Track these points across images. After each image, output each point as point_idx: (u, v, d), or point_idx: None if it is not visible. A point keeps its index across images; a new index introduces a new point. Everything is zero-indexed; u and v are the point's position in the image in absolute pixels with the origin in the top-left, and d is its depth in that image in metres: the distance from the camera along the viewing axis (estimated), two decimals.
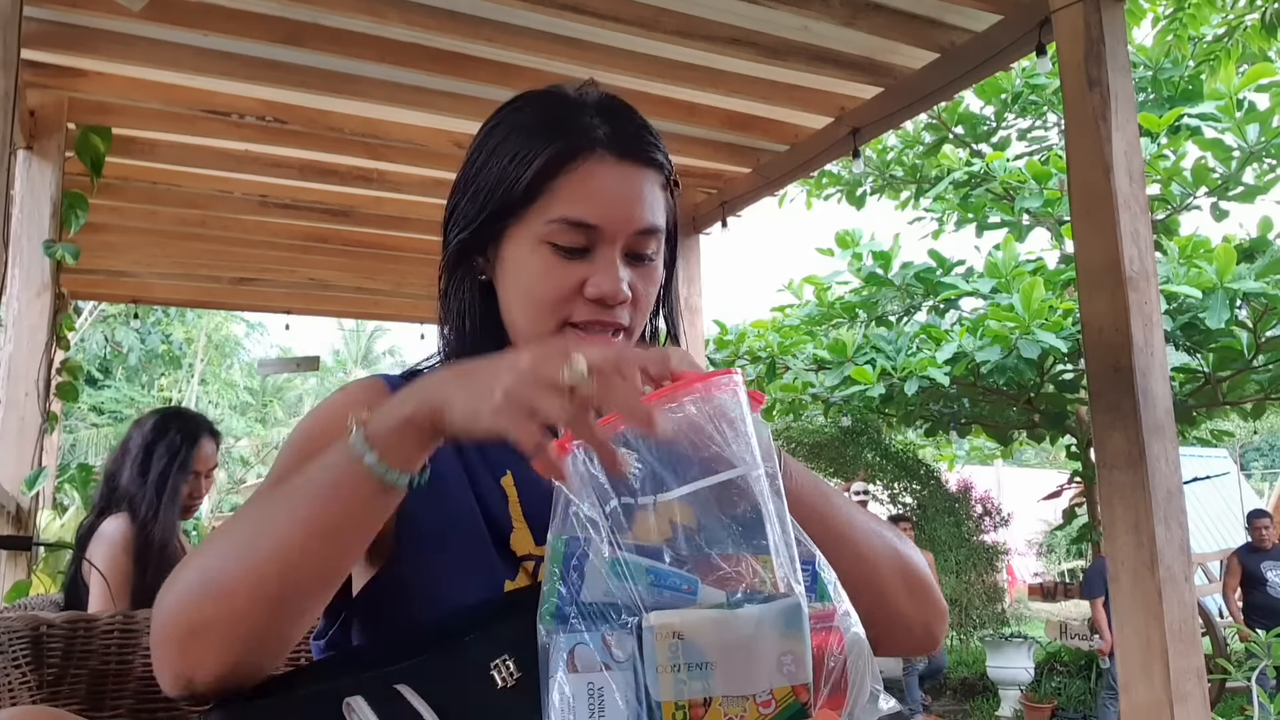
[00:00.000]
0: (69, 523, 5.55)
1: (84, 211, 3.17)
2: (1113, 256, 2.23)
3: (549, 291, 0.83)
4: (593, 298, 0.83)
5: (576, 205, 0.83)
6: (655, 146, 0.87)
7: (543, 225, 0.83)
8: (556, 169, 0.83)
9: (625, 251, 0.84)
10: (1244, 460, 19.34)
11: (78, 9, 2.64)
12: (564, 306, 0.83)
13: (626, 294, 0.83)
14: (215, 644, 0.66)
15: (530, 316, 0.85)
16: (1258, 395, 6.30)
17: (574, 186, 0.83)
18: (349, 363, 23.73)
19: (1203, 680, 2.11)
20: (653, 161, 0.86)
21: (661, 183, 0.87)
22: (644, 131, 0.87)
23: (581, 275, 0.83)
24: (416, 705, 0.65)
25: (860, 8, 2.74)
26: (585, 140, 0.84)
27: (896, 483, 9.53)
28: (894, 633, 0.84)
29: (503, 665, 0.67)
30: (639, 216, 0.84)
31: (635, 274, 0.85)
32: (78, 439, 15.97)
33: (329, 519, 0.67)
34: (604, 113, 0.86)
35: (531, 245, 0.84)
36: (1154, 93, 6.86)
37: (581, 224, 0.82)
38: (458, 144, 3.61)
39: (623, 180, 0.84)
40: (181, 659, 0.67)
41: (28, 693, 0.92)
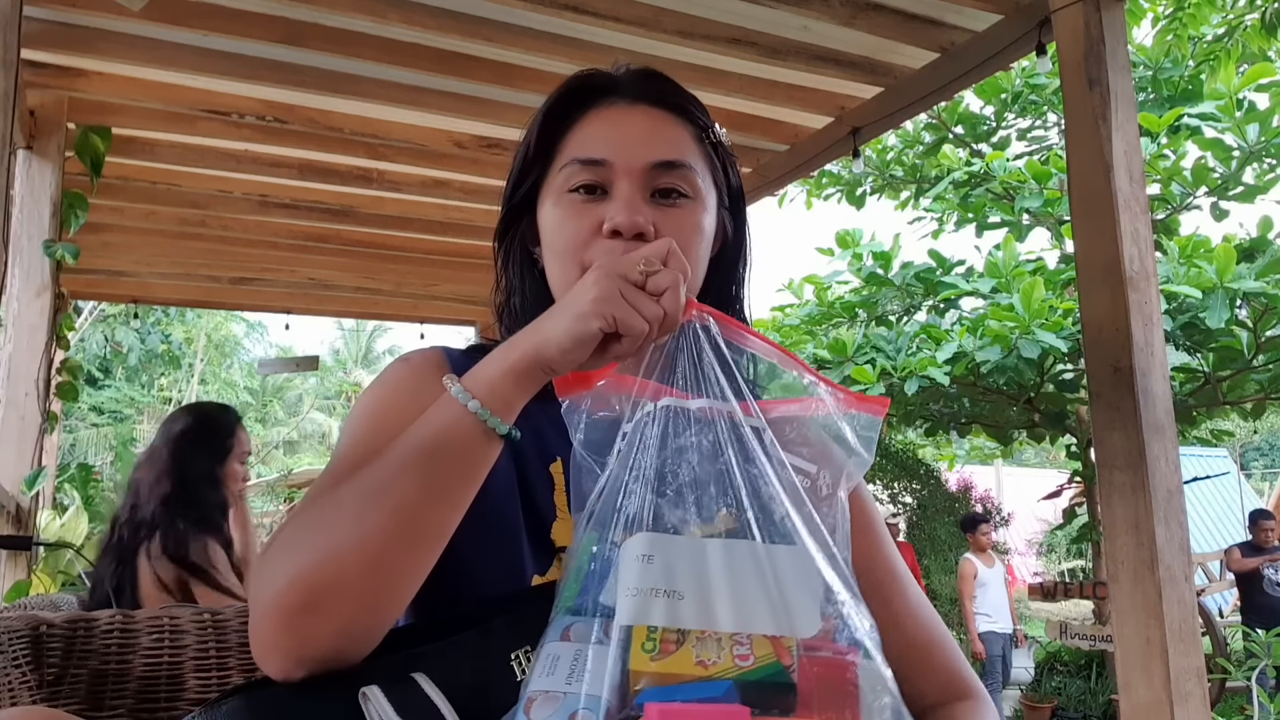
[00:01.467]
0: (69, 523, 5.55)
1: (84, 211, 3.17)
2: (1113, 256, 2.23)
3: (570, 236, 0.82)
4: (608, 233, 0.80)
5: (586, 144, 0.82)
6: (681, 95, 0.85)
7: (559, 174, 0.83)
8: (569, 119, 0.83)
9: (647, 188, 0.82)
10: (1244, 460, 19.34)
11: (78, 9, 2.64)
12: (584, 249, 0.81)
13: (644, 225, 0.79)
14: (332, 613, 0.63)
15: (560, 270, 0.83)
16: (1258, 395, 6.30)
17: (585, 129, 0.83)
18: (349, 363, 23.71)
19: (1203, 680, 2.11)
20: (671, 104, 0.84)
21: (691, 132, 0.85)
22: (663, 81, 0.86)
23: (600, 215, 0.81)
24: (432, 695, 0.65)
25: (860, 8, 2.74)
26: (598, 92, 0.84)
27: (896, 482, 9.53)
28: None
29: (524, 656, 0.66)
30: (654, 149, 0.81)
31: (662, 214, 0.81)
32: (78, 439, 15.96)
33: (441, 474, 0.67)
34: (624, 71, 0.86)
35: (555, 199, 0.84)
36: (1154, 93, 6.85)
37: (591, 161, 0.81)
38: (458, 144, 3.61)
39: (634, 117, 0.83)
40: (293, 634, 0.63)
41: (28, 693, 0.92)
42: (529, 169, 0.86)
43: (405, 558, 0.66)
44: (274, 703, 0.65)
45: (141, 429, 17.46)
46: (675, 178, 0.82)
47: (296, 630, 0.63)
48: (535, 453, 0.83)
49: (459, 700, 0.64)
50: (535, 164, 0.86)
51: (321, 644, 0.64)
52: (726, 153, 0.88)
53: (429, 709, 0.64)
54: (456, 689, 0.65)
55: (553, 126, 0.85)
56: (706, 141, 0.86)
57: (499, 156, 3.67)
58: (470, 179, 3.98)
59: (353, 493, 0.67)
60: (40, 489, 3.00)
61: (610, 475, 0.64)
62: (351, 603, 0.64)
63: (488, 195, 4.04)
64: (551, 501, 0.82)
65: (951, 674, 0.85)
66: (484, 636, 0.68)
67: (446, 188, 4.03)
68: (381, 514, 0.65)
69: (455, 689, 0.65)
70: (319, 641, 0.64)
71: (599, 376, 0.68)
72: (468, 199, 4.09)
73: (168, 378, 19.44)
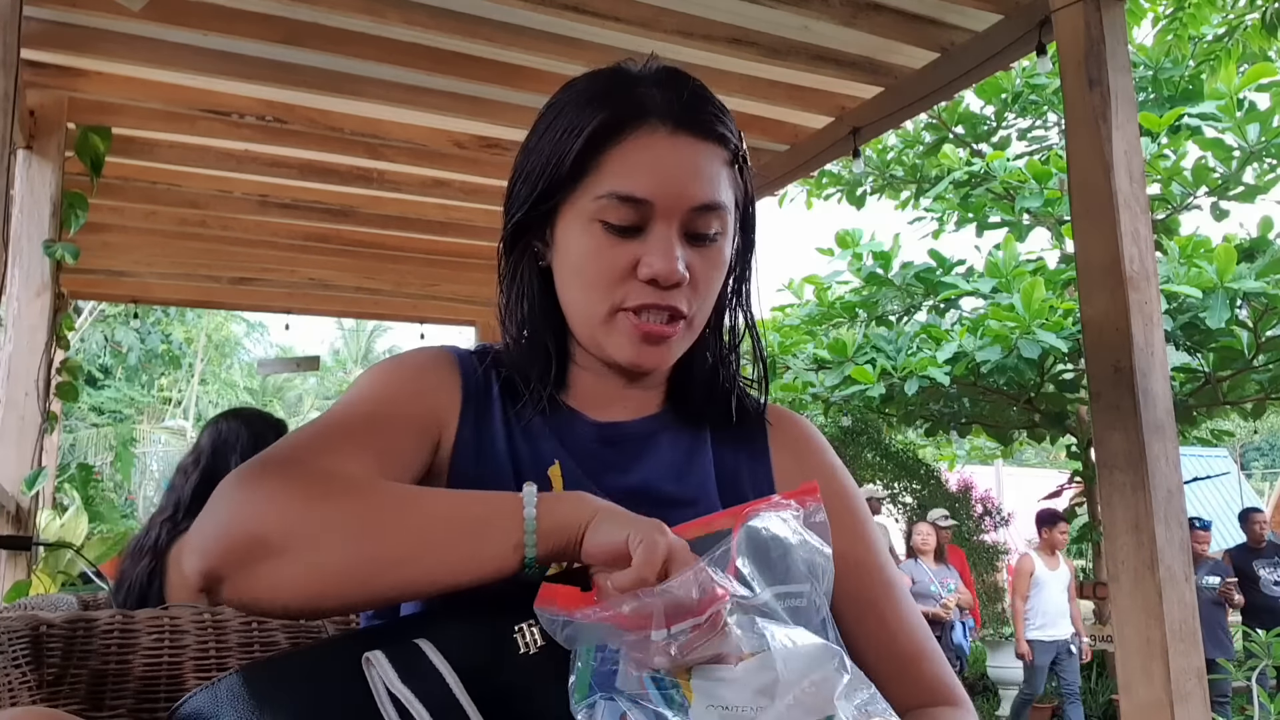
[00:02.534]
0: (69, 523, 5.55)
1: (84, 211, 3.17)
2: (1113, 256, 2.23)
3: (601, 273, 0.78)
4: (645, 279, 0.77)
5: (627, 179, 0.77)
6: (717, 118, 0.81)
7: (592, 202, 0.78)
8: (606, 141, 0.78)
9: (683, 230, 0.78)
10: (1244, 460, 19.35)
11: (78, 9, 2.64)
12: (617, 289, 0.78)
13: (683, 275, 0.77)
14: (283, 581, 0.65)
15: (583, 300, 0.81)
16: (1258, 395, 6.30)
17: (624, 159, 0.78)
18: (349, 363, 23.72)
19: (1203, 680, 2.11)
20: (713, 134, 0.80)
21: (725, 158, 0.81)
22: (703, 101, 0.81)
23: (634, 255, 0.78)
24: (435, 662, 0.65)
25: (860, 7, 2.74)
26: (637, 110, 0.78)
27: (896, 482, 9.52)
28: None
29: (527, 630, 0.66)
30: (696, 191, 0.78)
31: (695, 255, 0.79)
32: (78, 439, 15.95)
33: (457, 567, 0.67)
34: (660, 83, 0.80)
35: (583, 224, 0.79)
36: (1154, 92, 6.86)
37: (632, 199, 0.77)
38: (458, 144, 3.61)
39: (677, 152, 0.78)
40: (231, 567, 0.65)
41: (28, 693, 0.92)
42: (557, 182, 0.80)
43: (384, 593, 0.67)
44: (274, 677, 0.66)
45: (141, 429, 17.47)
46: (712, 219, 0.79)
47: (240, 570, 0.65)
48: (531, 460, 0.83)
49: (462, 668, 0.65)
50: (565, 181, 0.80)
51: (242, 592, 0.66)
52: (747, 167, 0.85)
53: (433, 676, 0.64)
54: (460, 658, 0.65)
55: (590, 144, 0.79)
56: (736, 168, 0.83)
57: (499, 156, 3.67)
58: (470, 179, 3.98)
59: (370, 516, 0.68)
60: (40, 489, 3.00)
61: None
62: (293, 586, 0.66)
63: (488, 195, 4.04)
64: None
65: (938, 684, 0.85)
66: (487, 609, 0.68)
67: (446, 188, 4.03)
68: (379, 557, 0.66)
69: (459, 658, 0.65)
70: (253, 592, 0.66)
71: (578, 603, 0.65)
72: (468, 199, 4.09)
73: (168, 378, 19.45)
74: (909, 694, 0.84)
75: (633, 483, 0.84)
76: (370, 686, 0.63)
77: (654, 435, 0.88)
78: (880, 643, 0.85)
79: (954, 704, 0.84)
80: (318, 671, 0.66)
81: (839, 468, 0.93)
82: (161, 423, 18.49)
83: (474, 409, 0.84)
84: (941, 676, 0.86)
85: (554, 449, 0.83)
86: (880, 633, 0.85)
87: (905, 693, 0.84)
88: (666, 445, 0.87)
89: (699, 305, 0.81)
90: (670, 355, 0.83)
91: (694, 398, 0.89)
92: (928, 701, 0.84)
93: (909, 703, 0.83)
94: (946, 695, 0.85)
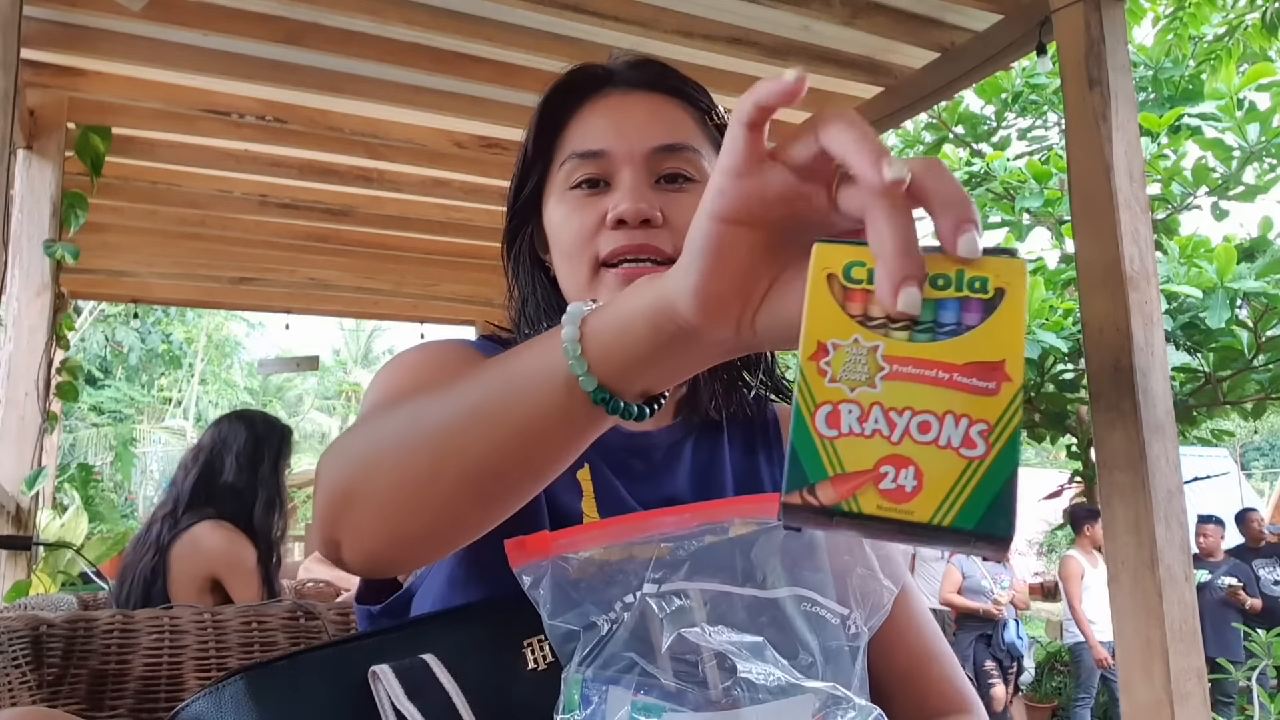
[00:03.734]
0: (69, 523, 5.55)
1: (84, 211, 3.17)
2: (1113, 256, 2.23)
3: (576, 233, 0.79)
4: (613, 223, 0.77)
5: (583, 137, 0.79)
6: (674, 76, 0.82)
7: (560, 172, 0.80)
8: (568, 117, 0.80)
9: (651, 175, 0.79)
10: (1244, 460, 19.35)
11: (78, 9, 2.64)
12: (590, 244, 0.78)
13: (650, 212, 0.76)
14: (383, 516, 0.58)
15: (568, 269, 0.81)
16: (1258, 395, 6.30)
17: (582, 122, 0.80)
18: (349, 363, 23.72)
19: (1203, 680, 2.11)
20: (669, 88, 0.81)
21: (691, 113, 0.82)
22: (660, 65, 0.83)
23: (604, 207, 0.78)
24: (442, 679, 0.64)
25: (860, 7, 2.74)
26: (593, 82, 0.81)
27: None
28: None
29: (536, 645, 0.65)
30: (653, 134, 0.78)
31: (668, 198, 0.78)
32: (78, 439, 15.96)
33: (530, 430, 0.55)
34: (619, 60, 0.83)
35: (558, 198, 0.81)
36: (1154, 92, 6.86)
37: (590, 153, 0.78)
38: (458, 144, 3.61)
39: (630, 104, 0.80)
40: (339, 529, 0.61)
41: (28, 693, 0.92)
42: (529, 170, 0.84)
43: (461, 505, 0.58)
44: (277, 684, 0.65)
45: (141, 429, 17.48)
46: (679, 161, 0.79)
47: (343, 527, 0.61)
48: None
49: (469, 685, 0.64)
50: (535, 164, 0.83)
51: (359, 548, 0.60)
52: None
53: (438, 692, 0.64)
54: (466, 673, 0.65)
55: (550, 124, 0.82)
56: (710, 125, 0.83)
57: (499, 156, 3.67)
58: (470, 179, 3.98)
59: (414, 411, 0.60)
60: (40, 489, 3.00)
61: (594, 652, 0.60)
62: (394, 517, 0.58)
63: (488, 195, 4.04)
64: (579, 509, 0.80)
65: (949, 688, 0.85)
66: (496, 623, 0.67)
67: (446, 188, 4.03)
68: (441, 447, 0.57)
69: (465, 673, 0.65)
70: (364, 543, 0.60)
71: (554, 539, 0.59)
72: (468, 199, 4.09)
73: (168, 378, 19.45)
74: (918, 697, 0.83)
75: (662, 495, 0.83)
76: (376, 702, 0.63)
77: (678, 446, 0.87)
78: (890, 645, 0.83)
79: (964, 711, 0.83)
80: (323, 680, 0.66)
81: None
82: (161, 423, 18.50)
83: None
84: (951, 679, 0.85)
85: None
86: (890, 634, 0.83)
87: (916, 697, 0.83)
88: (689, 457, 0.87)
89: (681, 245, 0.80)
90: None
91: (706, 403, 0.88)
92: (936, 707, 0.83)
93: (919, 707, 0.83)
94: (955, 701, 0.84)
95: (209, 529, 2.36)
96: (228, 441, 2.49)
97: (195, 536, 2.35)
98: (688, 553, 0.63)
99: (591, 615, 0.61)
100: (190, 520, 2.37)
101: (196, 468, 2.47)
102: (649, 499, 0.80)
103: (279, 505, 2.49)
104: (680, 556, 0.63)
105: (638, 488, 0.82)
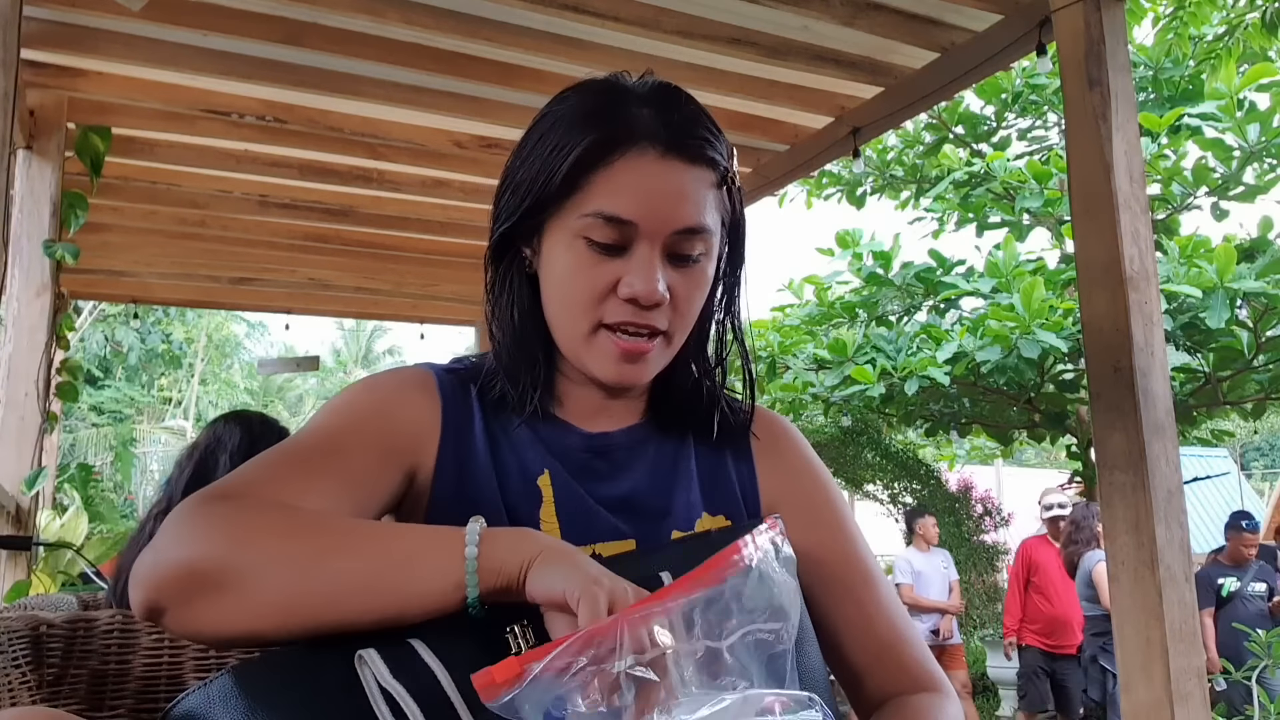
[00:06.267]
0: (69, 523, 5.55)
1: (84, 211, 3.17)
2: (1113, 256, 2.23)
3: (582, 290, 0.79)
4: (626, 298, 0.78)
5: (613, 200, 0.77)
6: (708, 141, 0.80)
7: (579, 220, 0.78)
8: (595, 161, 0.77)
9: (666, 252, 0.79)
10: (1244, 460, 19.35)
11: (78, 9, 2.64)
12: (597, 307, 0.80)
13: (663, 296, 0.78)
14: (221, 615, 0.67)
15: (566, 316, 0.82)
16: (1258, 395, 6.29)
17: (612, 180, 0.78)
18: (349, 363, 23.72)
19: (1203, 680, 2.11)
20: (702, 157, 0.80)
21: (713, 180, 0.81)
22: (695, 124, 0.80)
23: (616, 274, 0.79)
24: (428, 659, 0.65)
25: (860, 7, 2.74)
26: (627, 131, 0.78)
27: (896, 483, 9.52)
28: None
29: (519, 629, 0.66)
30: (681, 215, 0.78)
31: (677, 276, 0.80)
32: (78, 439, 15.96)
33: (399, 605, 0.67)
34: (652, 102, 0.80)
35: (568, 240, 0.80)
36: (1154, 92, 6.85)
37: (617, 220, 0.77)
38: (458, 144, 3.61)
39: (665, 175, 0.78)
40: (169, 599, 0.67)
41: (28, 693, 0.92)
42: (545, 197, 0.80)
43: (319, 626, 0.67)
44: (266, 679, 0.66)
45: (141, 429, 17.47)
46: (696, 242, 0.80)
47: (181, 604, 0.67)
48: (518, 470, 0.83)
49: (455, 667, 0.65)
50: (555, 197, 0.80)
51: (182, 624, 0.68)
52: (737, 190, 0.85)
53: (425, 673, 0.64)
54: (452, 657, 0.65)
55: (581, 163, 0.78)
56: (724, 187, 0.83)
57: (499, 156, 3.67)
58: (470, 179, 3.98)
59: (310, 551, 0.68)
60: (40, 489, 3.00)
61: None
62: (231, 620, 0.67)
63: (488, 195, 4.00)
64: (537, 516, 0.82)
65: (919, 670, 0.87)
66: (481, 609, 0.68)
67: (446, 188, 4.03)
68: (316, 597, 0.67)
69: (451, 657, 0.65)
70: (196, 625, 0.67)
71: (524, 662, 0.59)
72: (468, 199, 4.09)
73: (168, 378, 19.45)
74: (889, 680, 0.86)
75: (622, 492, 0.85)
76: (362, 683, 0.63)
77: (641, 445, 0.88)
78: (859, 629, 0.87)
79: (934, 690, 0.86)
80: (310, 670, 0.66)
81: (817, 462, 0.95)
82: (161, 423, 18.49)
83: (454, 429, 0.84)
84: (922, 662, 0.87)
85: (542, 458, 0.84)
86: (859, 619, 0.87)
87: (886, 679, 0.86)
88: (653, 454, 0.88)
89: (678, 324, 0.82)
90: (648, 372, 0.84)
91: (676, 409, 0.90)
92: (908, 687, 0.85)
93: (890, 689, 0.85)
94: (927, 681, 0.86)
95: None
96: (223, 441, 2.49)
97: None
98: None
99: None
100: None
101: (190, 466, 2.46)
102: (608, 496, 0.84)
103: None
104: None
105: (599, 487, 0.84)
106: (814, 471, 0.94)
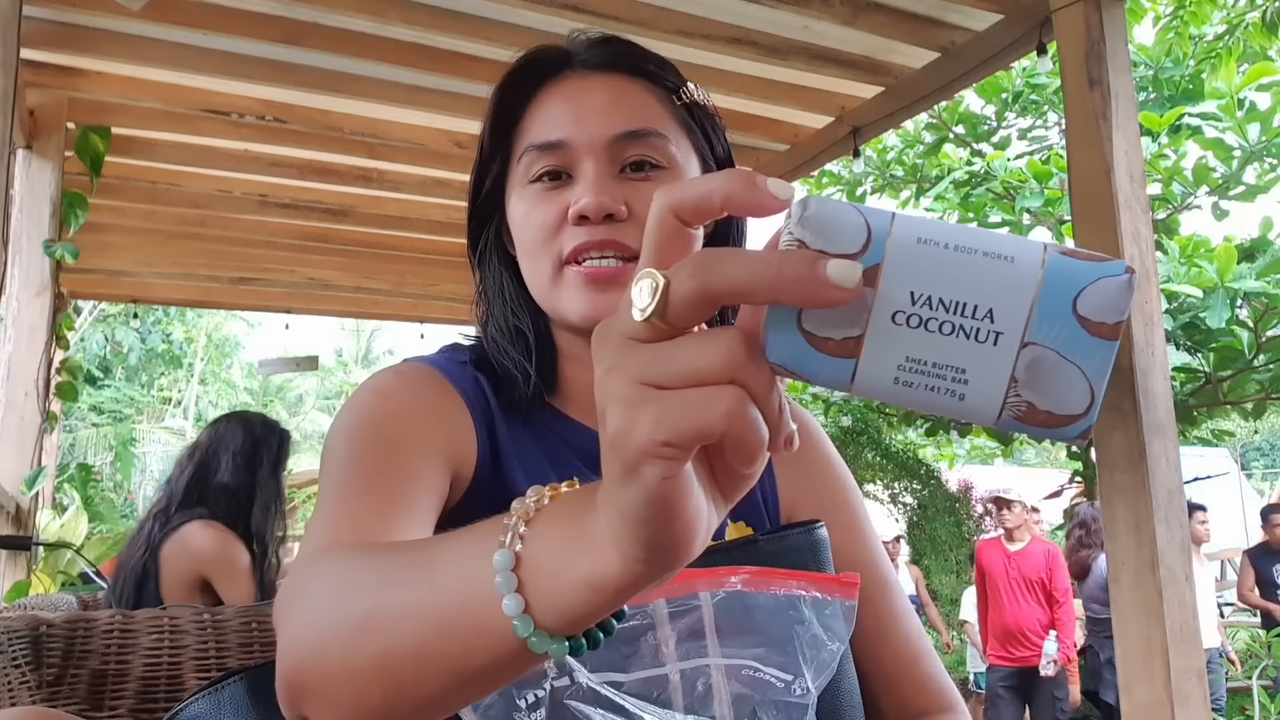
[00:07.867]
0: (69, 523, 5.55)
1: (84, 211, 3.17)
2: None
3: (537, 229, 0.75)
4: (574, 219, 0.72)
5: (542, 127, 0.75)
6: (637, 54, 0.78)
7: (519, 165, 0.76)
8: (525, 101, 0.76)
9: (614, 165, 0.74)
10: (1244, 460, 19.34)
11: (78, 9, 2.64)
12: (553, 240, 0.74)
13: (612, 205, 0.72)
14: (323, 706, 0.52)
15: (531, 267, 0.77)
16: (1258, 395, 6.29)
17: (540, 111, 0.75)
18: (349, 363, 23.72)
19: (1203, 680, 2.11)
20: (634, 68, 0.76)
21: (657, 94, 0.77)
22: (620, 44, 0.78)
23: (565, 202, 0.74)
24: None
25: (860, 7, 2.74)
26: (550, 66, 0.76)
27: (896, 483, 9.52)
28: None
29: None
30: (615, 120, 0.74)
31: (634, 189, 0.74)
32: (77, 439, 15.95)
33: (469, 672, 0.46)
34: (578, 39, 0.79)
35: (519, 192, 0.77)
36: (1155, 92, 6.85)
37: (548, 144, 0.74)
38: (458, 144, 3.61)
39: (589, 89, 0.75)
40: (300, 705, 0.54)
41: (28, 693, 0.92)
42: (488, 163, 0.79)
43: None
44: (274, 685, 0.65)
45: (141, 429, 17.47)
46: (645, 148, 0.74)
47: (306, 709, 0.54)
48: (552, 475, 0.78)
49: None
50: (494, 156, 0.78)
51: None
52: (706, 114, 0.80)
53: None
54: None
55: (507, 112, 0.77)
56: (680, 105, 0.78)
57: None
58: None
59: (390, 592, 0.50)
60: (40, 489, 3.00)
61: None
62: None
63: None
64: None
65: (934, 686, 0.85)
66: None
67: (446, 188, 4.03)
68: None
69: None
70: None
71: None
72: (468, 199, 4.09)
73: (168, 377, 19.45)
74: (905, 700, 0.84)
75: None
76: None
77: None
78: (875, 643, 0.84)
79: (948, 709, 0.84)
80: None
81: (838, 461, 0.91)
82: (161, 423, 18.49)
83: (485, 429, 0.78)
84: (936, 678, 0.85)
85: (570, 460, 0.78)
86: (875, 633, 0.84)
87: (902, 699, 0.84)
88: None
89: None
90: None
91: None
92: (922, 706, 0.84)
93: (906, 711, 0.83)
94: (940, 700, 0.84)
95: (199, 528, 2.36)
96: (224, 441, 2.49)
97: (185, 535, 2.34)
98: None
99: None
100: (181, 519, 2.37)
101: (191, 466, 2.47)
102: None
103: (277, 508, 2.49)
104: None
105: None
106: (835, 472, 0.90)
